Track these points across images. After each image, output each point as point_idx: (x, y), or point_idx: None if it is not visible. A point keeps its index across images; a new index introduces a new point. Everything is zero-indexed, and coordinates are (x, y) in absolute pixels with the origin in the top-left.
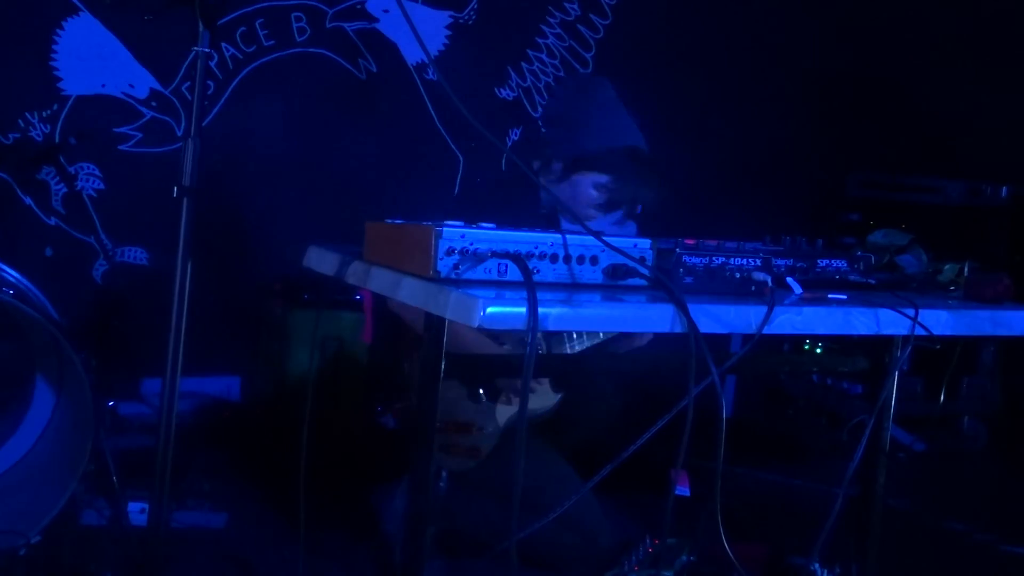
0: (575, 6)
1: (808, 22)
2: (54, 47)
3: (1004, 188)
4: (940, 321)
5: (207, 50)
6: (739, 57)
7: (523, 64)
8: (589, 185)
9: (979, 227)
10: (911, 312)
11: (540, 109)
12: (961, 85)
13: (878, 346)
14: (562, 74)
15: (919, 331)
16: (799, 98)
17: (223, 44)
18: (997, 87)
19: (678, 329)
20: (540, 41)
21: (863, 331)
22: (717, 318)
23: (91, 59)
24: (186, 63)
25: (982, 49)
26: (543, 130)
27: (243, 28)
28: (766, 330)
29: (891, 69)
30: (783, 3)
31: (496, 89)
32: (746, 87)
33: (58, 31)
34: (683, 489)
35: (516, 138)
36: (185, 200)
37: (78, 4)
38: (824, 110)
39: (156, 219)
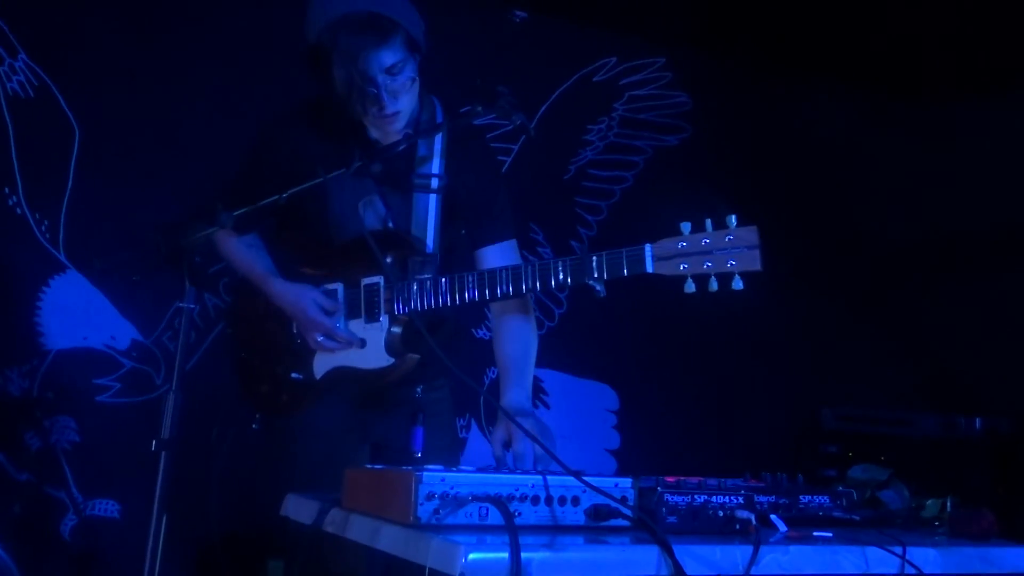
0: (547, 251)
1: (784, 254)
2: (39, 304)
3: (978, 420)
4: (929, 559)
5: (192, 306)
6: (710, 291)
7: None
8: (377, 71)
9: (956, 460)
10: (898, 550)
11: None
12: (930, 318)
13: None
14: None
15: (909, 570)
16: (769, 334)
17: (205, 295)
18: (967, 321)
19: (664, 572)
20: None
21: (851, 571)
22: (703, 559)
23: (75, 314)
24: (168, 314)
25: (950, 279)
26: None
27: (226, 279)
28: (753, 571)
29: (864, 303)
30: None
31: (473, 330)
32: (719, 321)
33: (44, 288)
34: None
35: (495, 375)
36: (163, 454)
37: (66, 262)
38: (798, 343)
39: (130, 471)
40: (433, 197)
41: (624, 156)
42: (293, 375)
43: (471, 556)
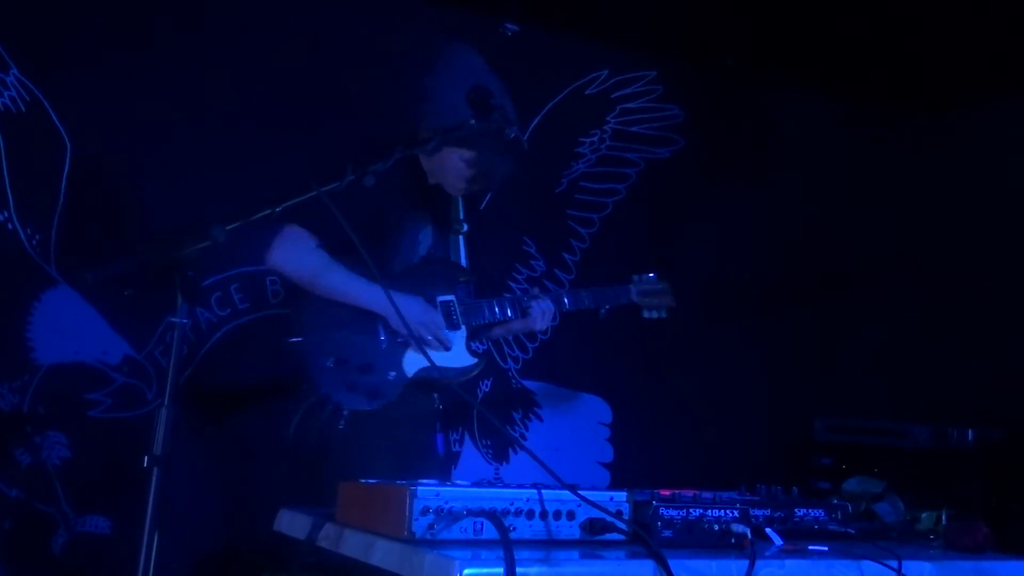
0: (540, 263)
1: (777, 267)
2: (30, 318)
3: (970, 432)
4: (924, 573)
5: (184, 320)
6: (700, 305)
7: None
8: (456, 158)
9: (950, 471)
10: (894, 564)
11: (509, 361)
12: (926, 331)
13: None
14: None
15: None
16: (765, 343)
17: (197, 309)
18: (957, 328)
19: None
20: (507, 296)
21: None
22: (699, 573)
23: (66, 329)
24: (160, 328)
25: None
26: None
27: (218, 293)
28: None
29: (855, 315)
30: (747, 253)
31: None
32: (709, 334)
33: (35, 303)
34: None
35: (487, 388)
36: (155, 470)
37: (57, 277)
38: (790, 355)
39: (121, 486)
40: (462, 238)
41: (617, 168)
42: (390, 375)
43: (466, 571)
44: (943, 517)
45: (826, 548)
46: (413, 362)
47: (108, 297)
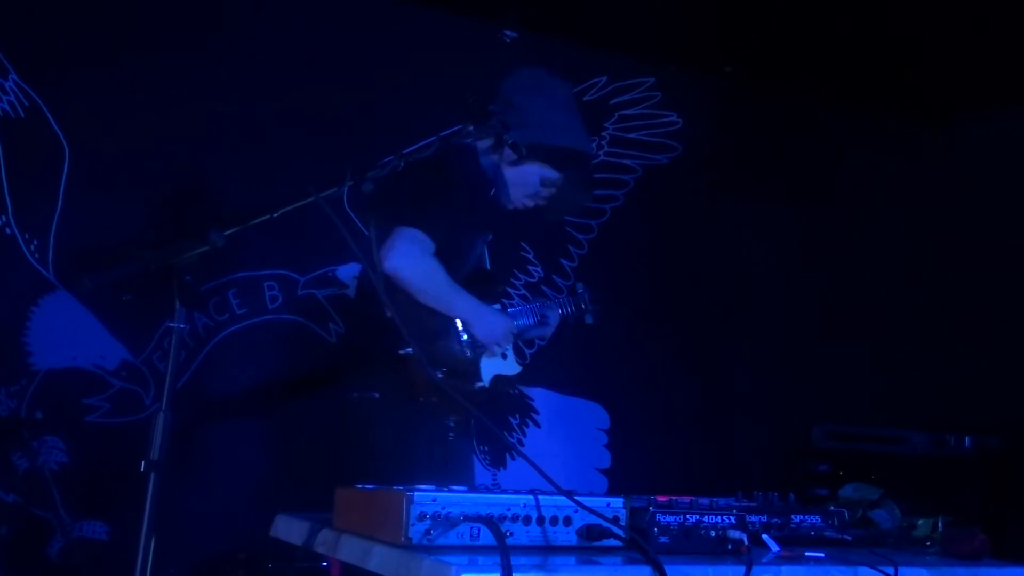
0: (539, 269)
1: (775, 274)
2: (28, 323)
3: (968, 438)
4: None
5: (182, 325)
6: (699, 310)
7: None
8: (536, 175)
9: (947, 477)
10: (890, 570)
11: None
12: (923, 338)
13: None
14: None
15: None
16: (764, 349)
17: (195, 314)
18: (955, 335)
19: None
20: (505, 302)
21: None
22: None
23: (64, 334)
24: (158, 333)
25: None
26: (493, 109)
27: (216, 298)
28: None
29: (853, 322)
30: (745, 259)
31: None
32: (710, 340)
33: (33, 308)
34: None
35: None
36: (152, 475)
37: (55, 282)
38: (788, 361)
39: (118, 491)
40: (487, 247)
41: (614, 175)
42: (478, 384)
43: None
44: (940, 524)
45: (823, 554)
46: (487, 370)
47: (106, 302)
